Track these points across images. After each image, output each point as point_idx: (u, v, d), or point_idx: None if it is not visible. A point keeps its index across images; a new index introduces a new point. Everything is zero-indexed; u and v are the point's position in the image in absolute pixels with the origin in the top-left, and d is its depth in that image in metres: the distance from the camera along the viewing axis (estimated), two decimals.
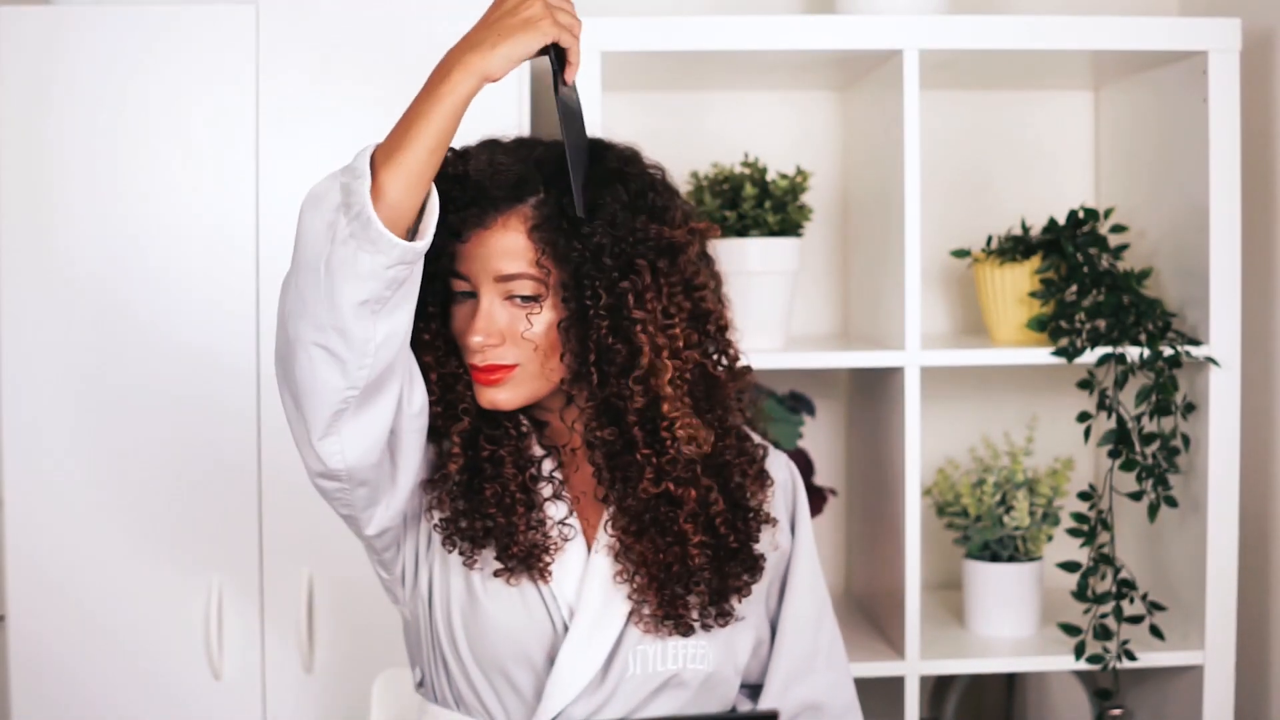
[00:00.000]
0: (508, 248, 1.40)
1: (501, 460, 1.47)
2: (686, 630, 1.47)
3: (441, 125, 1.29)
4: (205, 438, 2.16)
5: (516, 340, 1.42)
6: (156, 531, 2.16)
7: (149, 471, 2.16)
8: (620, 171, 1.43)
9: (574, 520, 1.49)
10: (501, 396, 1.44)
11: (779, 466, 1.60)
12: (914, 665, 2.21)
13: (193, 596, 2.17)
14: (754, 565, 1.50)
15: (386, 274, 1.27)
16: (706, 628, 1.48)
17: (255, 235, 2.14)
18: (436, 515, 1.48)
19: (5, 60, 2.10)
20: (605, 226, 1.40)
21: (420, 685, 1.58)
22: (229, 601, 2.17)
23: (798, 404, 2.44)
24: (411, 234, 1.31)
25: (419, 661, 1.57)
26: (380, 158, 1.28)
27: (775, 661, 1.58)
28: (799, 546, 1.60)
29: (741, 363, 1.52)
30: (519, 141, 1.48)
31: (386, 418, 1.36)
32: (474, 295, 1.43)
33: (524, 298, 1.41)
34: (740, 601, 1.50)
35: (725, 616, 1.49)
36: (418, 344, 1.44)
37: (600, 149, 1.46)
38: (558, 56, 1.38)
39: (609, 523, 1.48)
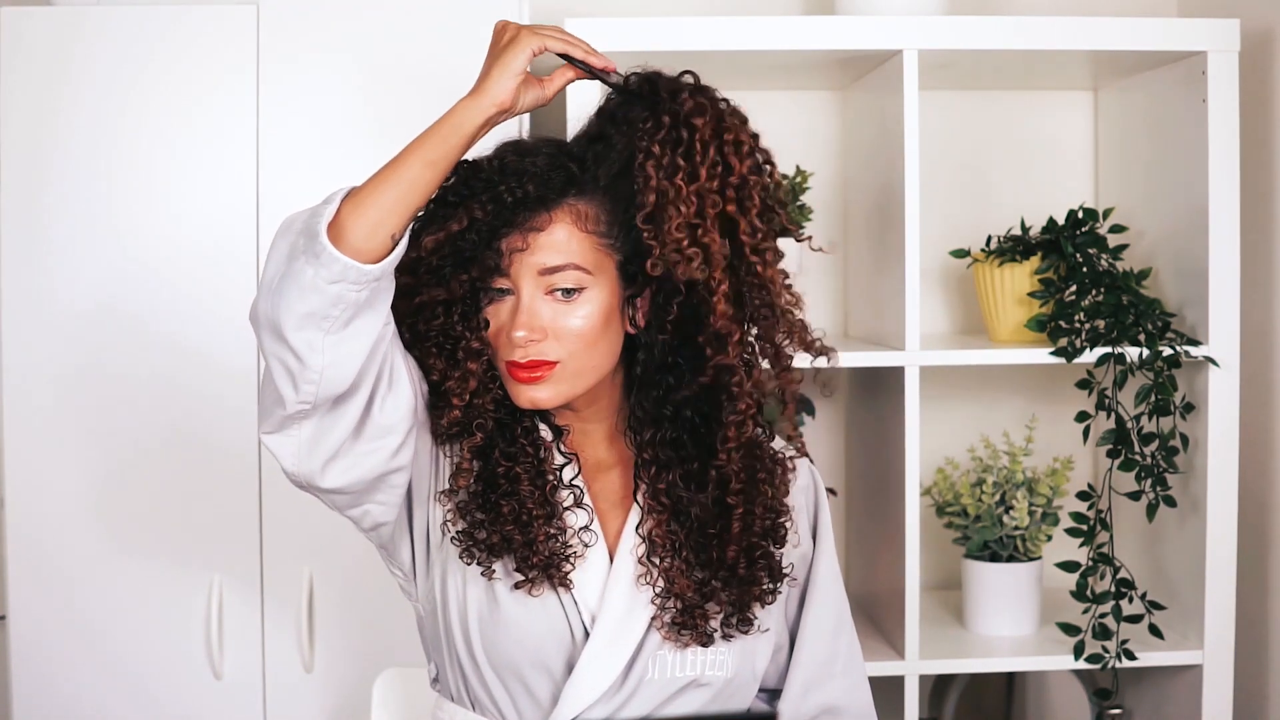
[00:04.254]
0: (553, 242, 1.41)
1: (517, 478, 1.46)
2: (706, 640, 1.47)
3: (437, 150, 1.32)
4: (206, 438, 2.16)
5: (559, 335, 1.42)
6: (157, 531, 2.16)
7: (149, 472, 2.16)
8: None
9: (595, 527, 1.48)
10: (542, 394, 1.44)
11: (801, 471, 1.59)
12: (914, 665, 2.21)
13: (193, 596, 2.17)
14: (779, 573, 1.50)
15: (330, 289, 1.28)
16: (727, 637, 1.48)
17: (255, 236, 2.14)
18: (453, 528, 1.47)
19: (8, 61, 2.10)
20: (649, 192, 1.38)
21: (435, 681, 1.58)
22: (229, 601, 2.17)
23: (798, 404, 2.43)
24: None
25: (434, 658, 1.56)
26: (353, 192, 1.31)
27: (795, 667, 1.57)
28: (820, 551, 1.59)
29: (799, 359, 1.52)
30: (539, 139, 1.49)
31: (344, 429, 1.37)
32: (509, 292, 1.43)
33: (565, 291, 1.42)
34: (763, 609, 1.50)
35: (747, 625, 1.49)
36: (460, 372, 1.44)
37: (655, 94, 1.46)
38: (577, 64, 1.43)
39: (636, 525, 1.49)
